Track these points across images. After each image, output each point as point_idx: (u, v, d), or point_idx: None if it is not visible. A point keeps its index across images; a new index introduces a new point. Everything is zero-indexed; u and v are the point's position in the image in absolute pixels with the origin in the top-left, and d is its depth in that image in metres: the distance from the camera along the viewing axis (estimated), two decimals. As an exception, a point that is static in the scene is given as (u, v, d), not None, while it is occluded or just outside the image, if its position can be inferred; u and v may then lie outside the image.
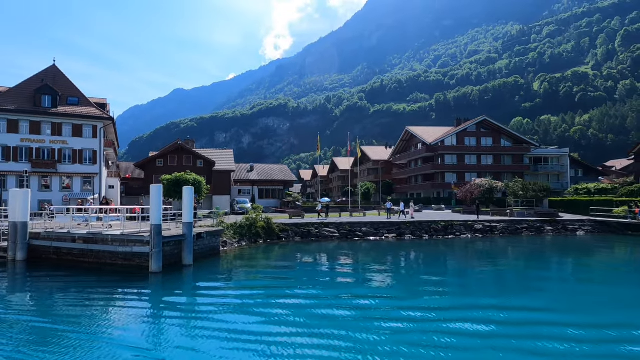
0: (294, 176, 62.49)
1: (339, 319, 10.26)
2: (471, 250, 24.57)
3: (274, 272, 17.38)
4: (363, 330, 9.07)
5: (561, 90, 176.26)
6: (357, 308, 11.35)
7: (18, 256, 18.43)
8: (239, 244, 24.62)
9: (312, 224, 29.57)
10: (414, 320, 9.99)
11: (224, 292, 13.76)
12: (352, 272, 17.56)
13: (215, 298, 12.84)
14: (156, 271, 15.30)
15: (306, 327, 9.59)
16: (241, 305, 11.77)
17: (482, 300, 12.11)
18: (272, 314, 10.61)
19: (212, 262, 18.95)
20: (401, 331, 9.15)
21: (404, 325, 9.57)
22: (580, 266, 19.50)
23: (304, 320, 10.20)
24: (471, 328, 9.17)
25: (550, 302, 12.20)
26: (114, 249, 16.72)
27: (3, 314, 10.95)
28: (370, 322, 9.78)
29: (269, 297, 12.75)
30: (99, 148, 42.78)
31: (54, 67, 45.79)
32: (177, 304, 12.36)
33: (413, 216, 33.17)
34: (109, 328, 9.66)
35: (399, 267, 18.98)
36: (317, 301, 12.23)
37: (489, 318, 10.07)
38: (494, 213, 35.86)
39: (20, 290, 14.52)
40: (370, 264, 19.75)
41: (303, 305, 11.85)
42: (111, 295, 13.22)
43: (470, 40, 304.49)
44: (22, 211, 18.66)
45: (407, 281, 15.85)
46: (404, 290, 14.05)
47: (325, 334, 8.93)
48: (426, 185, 56.61)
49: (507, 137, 56.69)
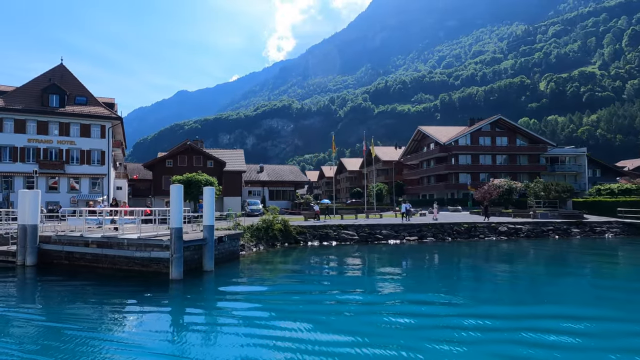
0: (305, 177, 61.39)
1: (374, 328, 9.34)
2: (504, 254, 23.32)
3: (298, 278, 16.23)
4: (395, 337, 8.28)
5: (568, 90, 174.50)
6: (388, 313, 10.23)
7: (28, 261, 17.39)
8: (256, 247, 23.52)
9: (330, 226, 28.45)
10: (455, 326, 8.83)
11: (250, 302, 12.64)
12: (378, 276, 16.41)
13: (242, 308, 11.74)
14: (177, 278, 14.19)
15: (337, 335, 8.77)
16: (270, 316, 10.78)
17: (559, 310, 10.91)
18: (302, 324, 9.69)
19: (233, 267, 17.84)
20: (448, 339, 7.99)
21: (448, 332, 8.42)
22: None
23: (334, 329, 9.32)
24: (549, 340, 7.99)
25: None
26: (131, 254, 15.64)
27: (12, 324, 10.15)
28: (399, 328, 8.73)
29: (297, 303, 11.90)
30: (107, 148, 41.87)
31: (62, 66, 44.95)
32: (202, 314, 11.30)
33: (437, 217, 31.95)
34: (130, 342, 8.62)
35: (429, 271, 17.78)
36: (345, 307, 11.26)
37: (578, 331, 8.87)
38: (515, 215, 34.60)
39: (31, 298, 13.48)
40: (394, 267, 18.63)
41: (332, 311, 10.92)
42: (129, 305, 12.15)
43: (475, 41, 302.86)
44: (32, 213, 17.62)
45: (439, 286, 14.66)
46: (439, 295, 12.87)
47: (358, 344, 8.09)
48: (439, 186, 55.33)
49: (523, 136, 55.35)
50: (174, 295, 13.20)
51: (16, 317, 10.81)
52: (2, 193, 36.97)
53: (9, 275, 16.42)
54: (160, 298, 12.92)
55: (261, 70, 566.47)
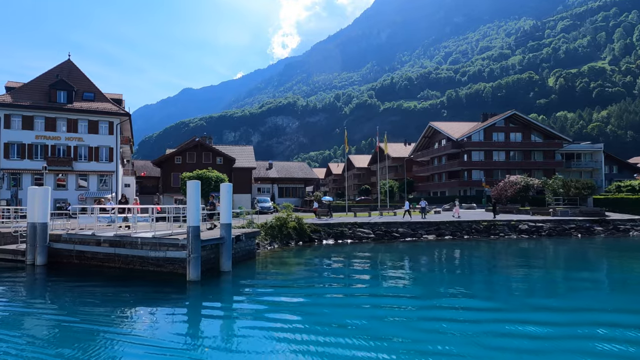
0: (315, 174, 60.56)
1: (400, 329, 8.70)
2: (531, 253, 22.34)
3: (318, 279, 15.43)
4: (422, 340, 7.82)
5: (577, 86, 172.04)
6: (410, 313, 9.38)
7: (38, 260, 16.74)
8: (270, 246, 22.79)
9: (345, 224, 27.65)
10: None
11: (271, 304, 11.82)
12: (398, 275, 15.57)
13: (264, 312, 10.89)
14: (194, 280, 13.43)
15: (364, 339, 8.19)
16: (295, 319, 10.03)
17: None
18: (326, 328, 9.12)
19: (249, 268, 17.08)
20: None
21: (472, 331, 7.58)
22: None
23: (360, 332, 8.73)
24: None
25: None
26: (145, 254, 14.91)
27: (23, 326, 9.60)
28: (423, 330, 7.86)
29: (320, 306, 11.29)
30: (116, 145, 41.31)
31: (69, 62, 44.39)
32: (223, 318, 10.53)
33: (459, 215, 31.01)
34: (147, 347, 7.93)
35: (450, 270, 16.91)
36: (369, 310, 10.55)
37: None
38: (534, 212, 33.59)
39: (41, 299, 12.77)
40: (414, 265, 17.81)
41: (358, 315, 10.22)
42: (145, 308, 11.39)
43: (482, 37, 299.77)
44: (42, 211, 16.95)
45: (461, 285, 13.79)
46: (461, 294, 12.00)
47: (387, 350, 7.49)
48: (452, 183, 54.25)
49: (538, 132, 54.06)
50: (192, 297, 12.44)
51: (27, 319, 10.31)
52: (10, 190, 36.52)
53: (19, 275, 15.80)
54: (178, 301, 12.19)
55: (266, 67, 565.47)
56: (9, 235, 19.54)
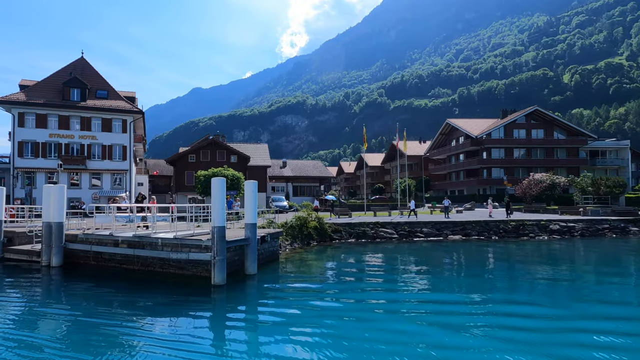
0: (330, 172, 59.50)
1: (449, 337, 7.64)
2: (572, 257, 21.00)
3: (349, 283, 14.39)
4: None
5: (594, 83, 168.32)
6: (450, 318, 8.28)
7: (53, 261, 16.00)
8: (291, 246, 21.85)
9: (366, 224, 26.61)
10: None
11: (305, 311, 10.82)
12: (431, 276, 14.44)
13: (296, 319, 9.93)
14: (219, 283, 12.49)
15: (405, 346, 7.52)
16: (332, 324, 9.25)
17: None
18: (364, 341, 8.16)
19: (274, 270, 16.10)
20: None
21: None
22: None
23: (401, 343, 7.93)
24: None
25: None
26: (166, 255, 14.03)
27: (39, 330, 9.10)
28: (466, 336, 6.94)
29: (357, 310, 10.48)
30: (129, 143, 40.80)
31: (82, 59, 44.01)
32: (253, 326, 9.54)
33: (491, 214, 29.68)
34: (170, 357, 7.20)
35: (484, 273, 15.71)
36: (406, 316, 9.57)
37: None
38: (563, 212, 32.09)
39: (57, 303, 11.95)
40: (443, 267, 16.63)
41: (394, 319, 9.29)
42: (167, 314, 10.46)
43: (494, 33, 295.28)
44: (57, 210, 16.20)
45: (499, 287, 12.60)
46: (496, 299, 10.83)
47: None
48: (470, 182, 52.69)
49: (561, 128, 52.19)
50: (217, 303, 11.50)
51: (43, 322, 9.78)
52: (24, 189, 36.18)
53: (34, 276, 15.07)
54: (202, 306, 11.26)
55: (275, 66, 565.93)
56: (23, 235, 18.89)
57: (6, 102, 36.82)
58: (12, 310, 11.09)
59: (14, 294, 13.11)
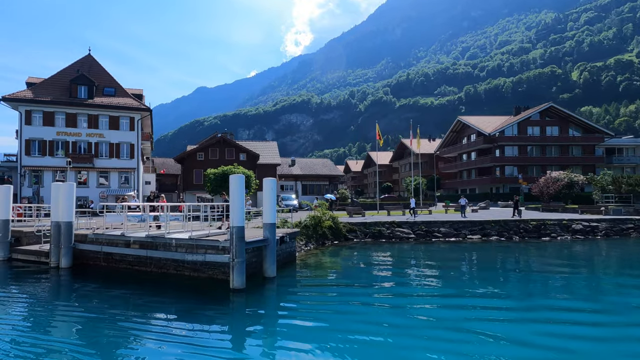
0: (340, 171, 58.65)
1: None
2: (609, 262, 20.05)
3: (373, 288, 13.57)
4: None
5: (603, 80, 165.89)
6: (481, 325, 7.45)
7: (62, 262, 15.35)
8: (306, 246, 21.09)
9: (382, 223, 25.81)
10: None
11: (333, 315, 10.11)
12: (454, 280, 13.60)
13: (328, 328, 9.14)
14: (239, 288, 11.74)
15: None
16: (361, 330, 8.59)
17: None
18: (394, 348, 7.53)
19: (292, 272, 15.35)
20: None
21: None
22: None
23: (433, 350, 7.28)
24: None
25: None
26: (180, 257, 13.31)
27: (47, 334, 8.67)
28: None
29: (387, 314, 9.86)
30: (137, 141, 40.25)
31: (89, 57, 43.51)
32: (277, 336, 8.77)
33: (519, 214, 28.65)
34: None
35: (510, 278, 14.83)
36: (432, 322, 8.61)
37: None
38: (583, 211, 31.07)
39: (67, 306, 11.28)
40: (464, 270, 15.76)
41: (423, 325, 8.66)
42: (183, 320, 9.72)
43: (501, 31, 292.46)
44: (67, 209, 15.54)
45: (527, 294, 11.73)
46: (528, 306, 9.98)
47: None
48: (483, 180, 51.61)
49: (577, 125, 50.97)
50: (237, 310, 10.75)
51: (52, 326, 9.36)
52: (32, 188, 35.73)
53: (43, 278, 14.43)
54: (221, 312, 10.53)
55: (279, 65, 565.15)
56: (31, 234, 18.29)
57: (13, 100, 36.39)
58: (21, 314, 10.54)
59: (22, 297, 12.50)
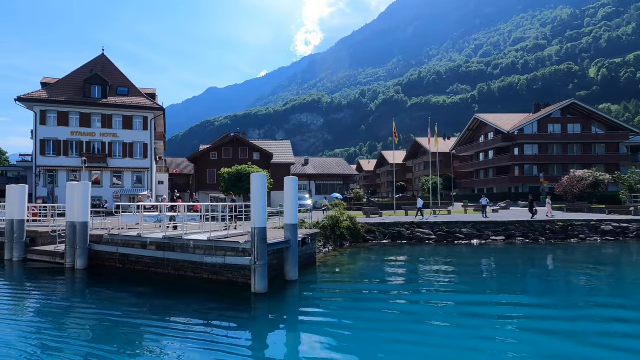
0: (354, 170, 57.83)
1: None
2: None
3: (399, 295, 12.82)
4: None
5: (622, 77, 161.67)
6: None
7: (78, 264, 14.95)
8: (325, 248, 20.41)
9: (401, 224, 24.96)
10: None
11: (360, 322, 9.46)
12: (480, 285, 12.73)
13: (352, 336, 8.48)
14: (261, 292, 11.12)
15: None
16: (394, 339, 8.04)
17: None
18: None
19: (313, 274, 14.69)
20: None
21: None
22: None
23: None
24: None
25: None
26: (199, 259, 12.74)
27: (62, 337, 8.35)
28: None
29: (419, 323, 9.07)
30: (150, 141, 40.04)
31: (103, 56, 43.51)
32: (308, 347, 8.05)
33: (553, 214, 27.53)
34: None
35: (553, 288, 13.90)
36: (463, 332, 7.78)
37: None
38: (610, 211, 29.76)
39: (82, 309, 10.84)
40: (491, 275, 14.87)
41: (456, 335, 7.73)
42: (202, 326, 9.18)
43: (515, 27, 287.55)
44: (82, 209, 15.13)
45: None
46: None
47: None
48: (501, 179, 50.22)
49: (600, 122, 49.23)
50: (260, 314, 10.15)
51: (68, 329, 9.04)
52: (47, 187, 35.77)
53: (58, 279, 14.04)
54: (243, 317, 9.95)
55: (290, 65, 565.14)
56: (46, 235, 17.98)
57: (28, 100, 36.49)
58: (38, 315, 10.24)
59: (39, 298, 12.16)
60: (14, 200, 17.51)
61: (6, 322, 9.35)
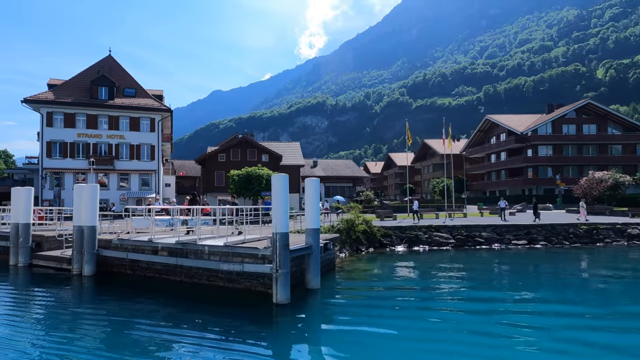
0: (363, 171, 56.94)
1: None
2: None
3: (430, 302, 11.91)
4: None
5: (631, 77, 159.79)
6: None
7: (85, 270, 14.20)
8: (341, 253, 19.55)
9: (418, 227, 24.06)
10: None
11: (387, 335, 8.63)
12: (504, 290, 11.78)
13: (387, 348, 7.64)
14: (283, 302, 10.26)
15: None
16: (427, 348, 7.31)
17: None
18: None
19: (333, 282, 13.83)
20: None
21: None
22: None
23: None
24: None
25: None
26: (215, 266, 11.92)
27: (68, 351, 7.68)
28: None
29: (448, 332, 7.87)
30: (157, 143, 39.46)
31: (110, 57, 43.04)
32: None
33: (587, 218, 26.59)
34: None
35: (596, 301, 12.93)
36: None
37: None
38: (634, 214, 28.71)
39: (91, 319, 10.04)
40: (513, 279, 13.90)
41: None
42: (219, 340, 8.39)
43: (521, 29, 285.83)
44: (90, 212, 14.38)
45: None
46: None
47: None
48: (514, 181, 49.11)
49: (616, 123, 48.07)
50: (283, 328, 9.30)
51: (75, 341, 8.44)
52: (53, 190, 35.17)
53: (65, 286, 13.28)
54: (264, 331, 9.06)
55: (294, 67, 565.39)
56: (53, 239, 17.27)
57: (35, 102, 36.03)
58: (45, 324, 9.60)
59: (44, 307, 11.42)
60: (20, 203, 16.82)
61: (11, 331, 8.72)
